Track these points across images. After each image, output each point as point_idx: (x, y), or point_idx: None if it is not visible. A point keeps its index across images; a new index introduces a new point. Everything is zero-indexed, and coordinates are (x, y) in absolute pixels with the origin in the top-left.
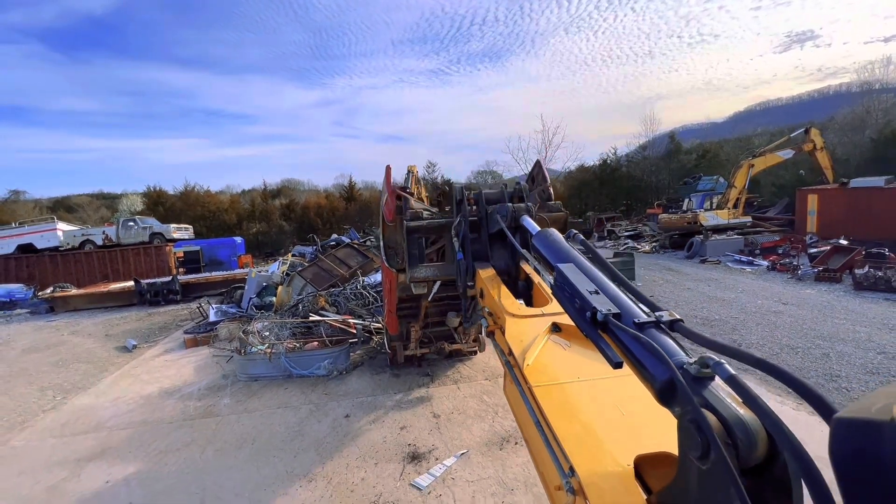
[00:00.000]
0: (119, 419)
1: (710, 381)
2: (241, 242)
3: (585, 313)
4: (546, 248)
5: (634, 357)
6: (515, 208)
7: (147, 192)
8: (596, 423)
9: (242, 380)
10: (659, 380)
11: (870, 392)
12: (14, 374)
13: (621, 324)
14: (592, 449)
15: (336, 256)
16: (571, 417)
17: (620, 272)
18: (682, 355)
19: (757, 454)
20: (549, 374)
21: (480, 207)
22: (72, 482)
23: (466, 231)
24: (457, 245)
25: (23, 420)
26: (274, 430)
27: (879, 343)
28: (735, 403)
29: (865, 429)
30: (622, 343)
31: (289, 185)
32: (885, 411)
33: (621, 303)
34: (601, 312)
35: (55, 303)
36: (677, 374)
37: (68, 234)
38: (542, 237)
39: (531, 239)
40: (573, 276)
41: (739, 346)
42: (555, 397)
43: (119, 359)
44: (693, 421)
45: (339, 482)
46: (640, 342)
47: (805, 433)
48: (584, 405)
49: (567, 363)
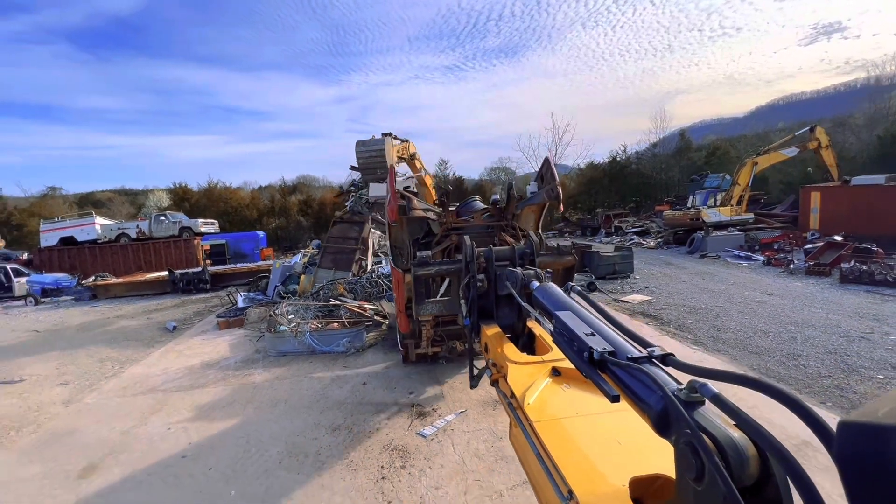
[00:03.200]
0: (170, 384)
1: (701, 406)
2: (263, 236)
3: (583, 354)
4: (546, 299)
5: (630, 390)
6: (525, 275)
7: (173, 188)
8: (593, 452)
9: (272, 355)
10: (655, 409)
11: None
12: (75, 348)
13: (617, 360)
14: (590, 474)
15: (334, 237)
16: (570, 447)
17: (620, 265)
18: (673, 384)
19: (749, 472)
20: (548, 412)
21: (490, 270)
22: (140, 428)
23: (475, 296)
24: (464, 309)
25: (90, 384)
26: (302, 393)
27: (845, 328)
28: (725, 424)
29: (872, 433)
30: (618, 378)
31: (305, 181)
32: (891, 415)
33: (616, 342)
34: (597, 351)
35: (97, 290)
36: (671, 398)
37: (105, 227)
38: (542, 290)
39: (533, 292)
40: (571, 322)
41: (734, 372)
42: (554, 431)
43: (162, 338)
44: (687, 443)
45: (358, 431)
46: (634, 376)
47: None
48: (582, 437)
49: (566, 401)
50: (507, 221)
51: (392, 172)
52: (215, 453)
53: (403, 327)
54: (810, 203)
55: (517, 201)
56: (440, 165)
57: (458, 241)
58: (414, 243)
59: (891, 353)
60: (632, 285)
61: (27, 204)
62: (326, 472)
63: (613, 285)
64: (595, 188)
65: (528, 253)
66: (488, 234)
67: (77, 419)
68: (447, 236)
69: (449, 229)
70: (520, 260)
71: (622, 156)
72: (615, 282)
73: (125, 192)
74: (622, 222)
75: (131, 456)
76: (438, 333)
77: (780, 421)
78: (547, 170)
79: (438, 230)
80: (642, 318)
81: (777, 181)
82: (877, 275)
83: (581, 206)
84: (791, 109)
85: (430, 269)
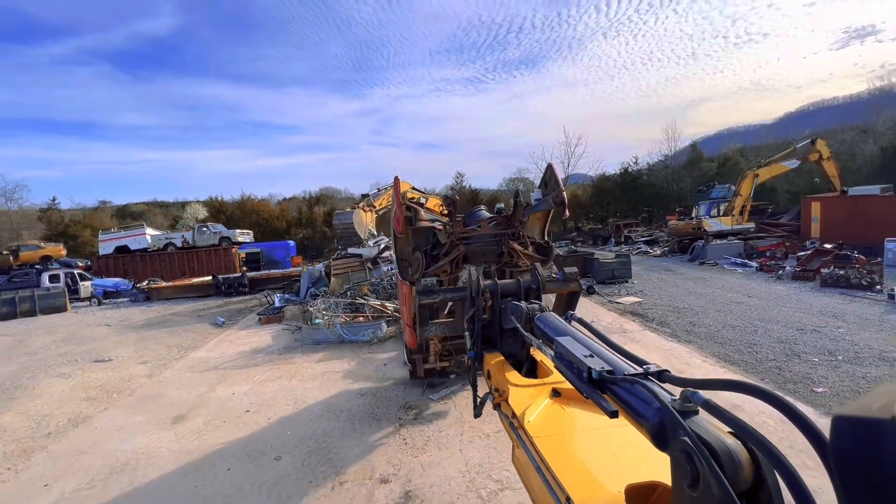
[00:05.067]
0: (228, 364)
1: (696, 415)
2: (293, 245)
3: (582, 374)
4: (547, 326)
5: (628, 405)
6: (530, 309)
7: (210, 201)
8: (591, 463)
9: (308, 343)
10: (652, 421)
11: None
12: (144, 339)
13: (614, 377)
14: (587, 482)
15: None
16: (568, 459)
17: (618, 270)
18: (668, 397)
19: (744, 476)
20: (548, 428)
21: (496, 304)
22: (210, 393)
23: (479, 330)
24: (469, 342)
25: (164, 364)
26: (335, 370)
27: (804, 324)
28: (719, 431)
29: (866, 427)
30: (616, 395)
31: (327, 192)
32: (885, 409)
33: (613, 362)
34: (595, 371)
35: (150, 293)
36: (667, 407)
37: (155, 237)
38: (543, 319)
39: (535, 320)
40: (570, 346)
41: (727, 379)
42: (553, 445)
43: (214, 330)
44: (683, 451)
45: (381, 396)
46: (631, 391)
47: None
48: (580, 450)
49: (565, 419)
50: (514, 229)
51: (397, 183)
52: (271, 409)
53: (411, 342)
54: (811, 212)
55: (524, 209)
56: (456, 178)
57: (465, 251)
58: (424, 254)
59: (833, 342)
60: (628, 289)
61: (80, 216)
62: (358, 422)
63: (611, 289)
64: (607, 199)
65: (533, 289)
66: (496, 243)
67: (160, 387)
68: (456, 246)
69: (457, 240)
70: (525, 293)
71: (634, 167)
72: (613, 286)
73: (157, 204)
74: (631, 232)
75: (208, 410)
76: (446, 348)
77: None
78: (550, 176)
79: (446, 240)
80: (631, 316)
81: (784, 191)
82: (852, 279)
83: (593, 217)
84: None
85: (435, 297)
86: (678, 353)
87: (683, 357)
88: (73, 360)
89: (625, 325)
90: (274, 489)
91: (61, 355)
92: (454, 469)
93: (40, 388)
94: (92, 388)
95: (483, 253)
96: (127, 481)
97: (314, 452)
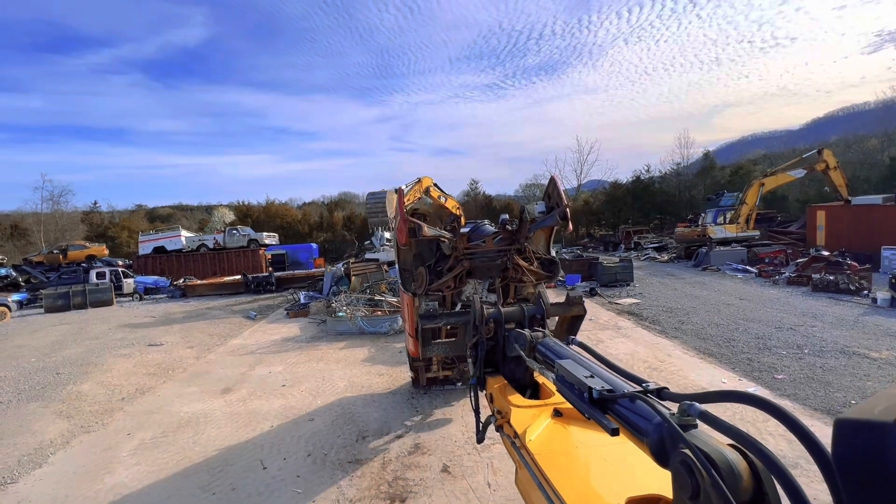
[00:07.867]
0: (263, 349)
1: (694, 428)
2: (316, 248)
3: (584, 394)
4: (548, 351)
5: (628, 422)
6: (533, 337)
7: (237, 204)
8: (591, 478)
9: (332, 334)
10: (652, 437)
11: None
12: (187, 329)
13: (614, 395)
14: (588, 496)
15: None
16: (569, 475)
17: (620, 274)
18: (666, 412)
19: (744, 486)
20: (550, 446)
21: (499, 333)
22: (250, 372)
23: (482, 357)
24: (472, 369)
25: (207, 349)
26: (356, 356)
27: (783, 323)
28: (718, 443)
29: (868, 430)
30: (616, 413)
31: (346, 197)
32: (887, 413)
33: (612, 381)
34: (596, 390)
35: (186, 290)
36: (667, 420)
37: (189, 239)
38: (544, 344)
39: (537, 345)
40: (571, 368)
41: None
42: (554, 462)
43: (247, 323)
44: (683, 463)
45: (396, 377)
46: (631, 409)
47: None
48: (580, 466)
49: (566, 437)
50: (519, 245)
51: (400, 195)
52: (303, 384)
53: (413, 351)
54: (816, 221)
55: (529, 224)
56: (471, 185)
57: (469, 266)
58: (428, 269)
59: (804, 339)
60: (628, 291)
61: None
62: (377, 395)
63: (612, 291)
64: (619, 206)
65: (537, 318)
66: (500, 259)
67: (207, 366)
68: (460, 262)
69: (461, 255)
70: (529, 321)
71: (645, 175)
72: (615, 288)
73: (181, 207)
74: (641, 238)
75: (250, 384)
76: (449, 357)
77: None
78: (553, 189)
79: (450, 252)
80: (627, 315)
81: (794, 199)
82: (840, 284)
83: (605, 223)
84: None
85: (438, 322)
86: (663, 346)
87: (667, 349)
88: (130, 344)
89: (619, 323)
90: (310, 440)
91: (119, 340)
92: (455, 429)
93: (107, 365)
94: (150, 366)
95: (487, 268)
96: (192, 432)
97: (340, 416)
